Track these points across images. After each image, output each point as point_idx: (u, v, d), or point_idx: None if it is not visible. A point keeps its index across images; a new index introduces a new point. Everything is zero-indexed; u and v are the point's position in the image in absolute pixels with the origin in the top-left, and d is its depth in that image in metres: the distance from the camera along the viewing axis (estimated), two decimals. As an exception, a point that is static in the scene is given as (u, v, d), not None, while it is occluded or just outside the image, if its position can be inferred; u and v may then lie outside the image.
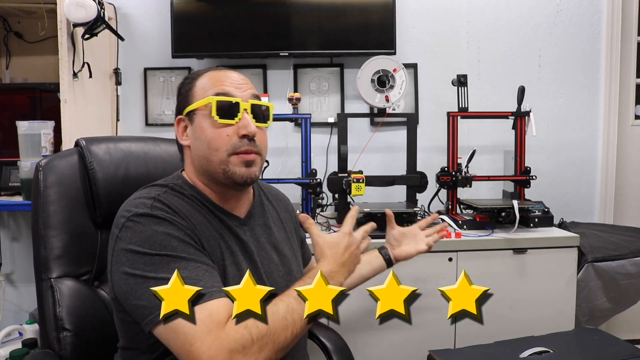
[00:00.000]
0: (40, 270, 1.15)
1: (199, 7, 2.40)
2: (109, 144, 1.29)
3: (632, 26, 2.60)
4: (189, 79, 1.09)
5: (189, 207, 1.00)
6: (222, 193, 1.06)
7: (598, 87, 2.57)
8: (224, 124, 1.00)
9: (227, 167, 1.00)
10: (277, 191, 1.28)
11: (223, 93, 1.02)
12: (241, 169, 1.01)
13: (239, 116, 1.01)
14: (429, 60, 2.53)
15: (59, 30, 1.95)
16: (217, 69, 1.08)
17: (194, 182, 1.07)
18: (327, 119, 2.48)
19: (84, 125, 2.10)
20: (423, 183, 2.15)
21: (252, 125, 1.00)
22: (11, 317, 2.44)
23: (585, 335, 1.65)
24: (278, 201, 1.23)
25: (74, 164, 1.24)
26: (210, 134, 1.01)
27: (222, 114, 1.00)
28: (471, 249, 1.94)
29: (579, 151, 2.59)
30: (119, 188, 1.22)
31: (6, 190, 2.14)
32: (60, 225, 1.17)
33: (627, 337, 2.33)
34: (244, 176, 1.01)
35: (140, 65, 2.53)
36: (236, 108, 1.01)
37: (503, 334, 1.70)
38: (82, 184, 1.23)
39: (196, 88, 1.05)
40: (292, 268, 1.13)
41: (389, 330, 1.92)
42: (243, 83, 1.05)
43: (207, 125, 1.01)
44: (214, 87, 1.03)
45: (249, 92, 1.04)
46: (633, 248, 2.04)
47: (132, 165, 1.27)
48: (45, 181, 1.19)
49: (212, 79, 1.04)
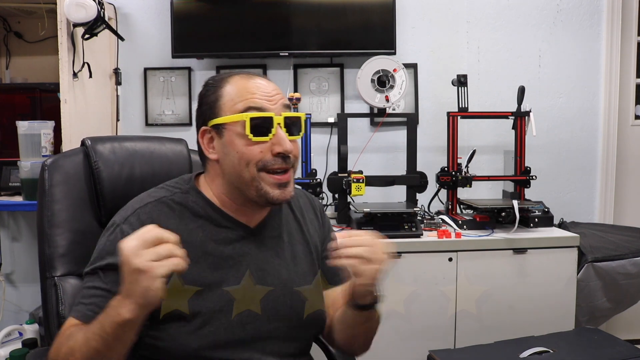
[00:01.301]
0: (44, 269, 1.16)
1: (199, 7, 2.40)
2: (114, 144, 1.29)
3: (632, 26, 2.60)
4: (213, 86, 1.01)
5: (175, 221, 0.98)
6: (243, 205, 1.02)
7: (598, 87, 2.57)
8: (258, 142, 0.95)
9: (260, 185, 0.96)
10: (305, 200, 1.18)
11: (256, 107, 0.96)
12: (275, 190, 0.96)
13: (273, 132, 0.95)
14: (429, 60, 2.53)
15: (59, 30, 1.95)
16: (243, 75, 1.01)
17: (208, 189, 1.03)
18: (327, 119, 2.48)
19: (84, 125, 2.10)
20: (423, 183, 2.15)
21: (287, 143, 0.95)
22: (11, 317, 2.43)
23: (585, 335, 1.65)
24: (303, 211, 1.15)
25: (79, 163, 1.25)
26: (242, 151, 0.95)
27: (256, 131, 0.95)
28: (471, 249, 1.94)
29: (579, 151, 2.59)
30: (123, 187, 1.22)
31: (6, 190, 2.14)
32: (65, 224, 1.18)
33: (627, 337, 2.32)
34: (279, 199, 0.97)
35: (140, 65, 2.53)
36: (270, 123, 0.95)
37: (503, 334, 1.70)
38: (87, 183, 1.24)
39: (224, 99, 0.98)
40: (305, 287, 1.05)
41: (389, 330, 1.92)
42: (275, 94, 0.99)
43: (239, 142, 0.96)
44: (244, 99, 0.97)
45: (280, 104, 0.98)
46: (633, 248, 2.04)
47: (137, 164, 1.26)
48: (51, 180, 1.20)
49: (241, 89, 0.98)
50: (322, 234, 1.17)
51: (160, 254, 0.79)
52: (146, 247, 0.79)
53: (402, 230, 1.97)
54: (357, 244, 0.91)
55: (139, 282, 0.79)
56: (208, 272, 0.97)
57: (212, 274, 0.97)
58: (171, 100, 2.53)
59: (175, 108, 2.54)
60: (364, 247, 0.91)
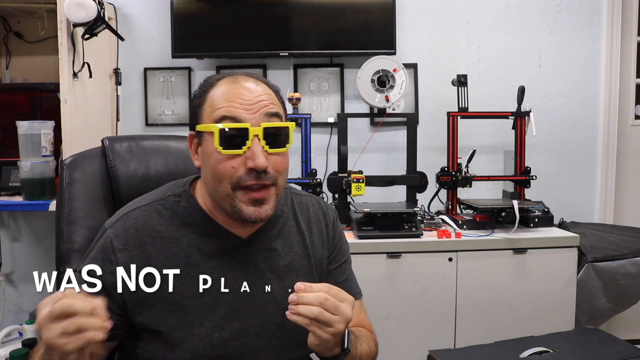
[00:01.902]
0: (59, 264, 1.18)
1: (199, 7, 2.40)
2: (131, 142, 1.33)
3: (632, 26, 2.60)
4: (201, 89, 0.95)
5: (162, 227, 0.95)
6: (229, 217, 0.95)
7: (598, 87, 2.57)
8: (230, 156, 0.87)
9: (234, 202, 0.89)
10: (316, 209, 1.09)
11: (230, 117, 0.88)
12: (249, 207, 0.89)
13: (247, 144, 0.87)
14: (429, 60, 2.53)
15: (59, 30, 1.95)
16: (233, 77, 0.94)
17: (200, 196, 0.99)
18: (327, 119, 2.48)
19: (84, 125, 2.10)
20: (423, 183, 2.15)
21: (260, 158, 0.86)
22: (11, 317, 2.44)
23: (585, 335, 1.65)
24: (312, 223, 1.07)
25: (96, 162, 1.29)
26: (215, 164, 0.89)
27: (227, 143, 0.87)
28: (471, 249, 1.94)
29: (579, 151, 2.59)
30: (138, 186, 1.24)
31: (6, 190, 2.14)
32: (81, 221, 1.21)
33: (627, 337, 2.32)
34: (253, 216, 0.90)
35: (140, 65, 2.53)
36: (244, 135, 0.87)
37: (503, 334, 1.70)
38: (104, 181, 1.28)
39: (206, 104, 0.92)
40: None
41: (389, 330, 1.92)
42: (257, 101, 0.90)
43: (213, 155, 0.89)
44: (221, 107, 0.89)
45: (261, 113, 0.89)
46: (633, 248, 2.04)
47: (152, 163, 1.28)
48: (69, 178, 1.25)
49: (222, 95, 0.91)
50: (332, 245, 1.09)
51: (67, 330, 0.71)
52: (55, 320, 0.71)
53: (402, 230, 1.97)
54: (309, 302, 0.83)
55: (53, 353, 0.74)
56: (190, 285, 0.92)
57: (194, 287, 0.92)
58: (171, 100, 2.53)
59: (175, 108, 2.54)
60: (316, 308, 0.82)
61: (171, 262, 0.92)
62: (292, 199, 1.08)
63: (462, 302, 1.95)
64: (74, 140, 1.99)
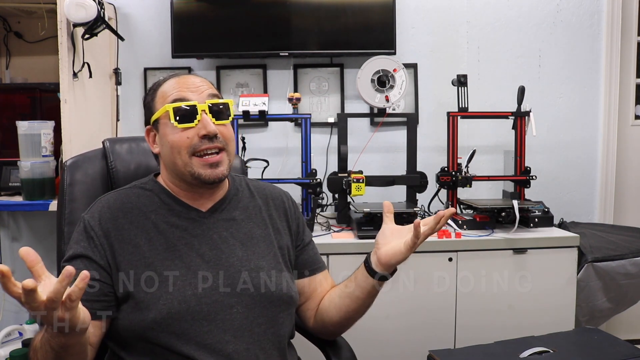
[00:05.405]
0: (59, 264, 1.19)
1: (199, 7, 2.40)
2: (132, 144, 1.38)
3: (632, 26, 2.60)
4: (151, 90, 1.14)
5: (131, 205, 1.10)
6: (190, 190, 1.13)
7: (598, 87, 2.57)
8: (185, 128, 1.06)
9: (192, 169, 1.06)
10: (272, 190, 1.28)
11: (180, 99, 1.07)
12: (206, 170, 1.06)
13: (198, 118, 1.06)
14: (429, 60, 2.53)
15: (59, 30, 1.95)
16: (176, 75, 1.14)
17: (162, 181, 1.15)
18: (327, 119, 2.48)
19: (84, 125, 2.10)
20: (423, 183, 2.15)
21: (210, 125, 1.05)
22: (11, 317, 2.43)
23: (585, 335, 1.65)
24: (268, 199, 1.24)
25: (97, 163, 1.33)
26: (173, 139, 1.06)
27: (181, 118, 1.06)
28: (471, 249, 1.94)
29: (579, 151, 2.59)
30: None
31: (6, 190, 2.14)
32: None
33: (627, 337, 2.33)
34: (211, 177, 1.07)
35: (140, 65, 2.53)
36: (194, 111, 1.06)
37: (503, 334, 1.70)
38: (104, 182, 1.32)
39: (157, 98, 1.11)
40: (262, 265, 1.12)
41: (389, 330, 1.92)
42: (200, 85, 1.10)
43: (169, 131, 1.07)
44: (171, 94, 1.09)
45: (206, 93, 1.09)
46: (633, 248, 2.04)
47: (152, 164, 1.29)
48: (70, 179, 1.28)
49: (171, 86, 1.10)
50: (296, 218, 1.26)
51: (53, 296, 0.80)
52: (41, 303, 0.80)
53: (402, 230, 1.96)
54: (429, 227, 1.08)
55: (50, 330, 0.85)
56: (162, 250, 1.06)
57: (164, 252, 1.06)
58: (171, 100, 2.53)
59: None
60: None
61: (142, 232, 1.08)
62: (247, 182, 1.26)
63: (462, 302, 1.95)
64: (74, 140, 2.00)
